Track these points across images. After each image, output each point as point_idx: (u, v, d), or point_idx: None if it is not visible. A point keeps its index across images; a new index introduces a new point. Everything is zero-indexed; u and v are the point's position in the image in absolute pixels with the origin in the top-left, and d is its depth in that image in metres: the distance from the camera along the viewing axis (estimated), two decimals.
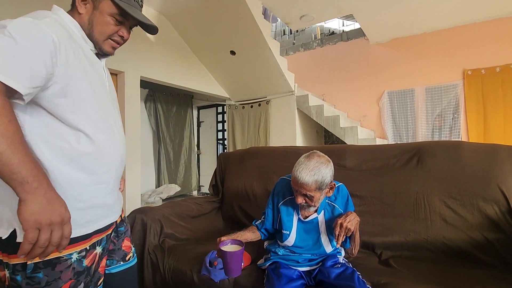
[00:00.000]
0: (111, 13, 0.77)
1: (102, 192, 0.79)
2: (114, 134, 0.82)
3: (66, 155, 0.70)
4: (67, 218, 0.64)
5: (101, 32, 0.79)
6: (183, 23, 3.82)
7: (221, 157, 2.25)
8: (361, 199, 1.52)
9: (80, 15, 0.77)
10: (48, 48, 0.64)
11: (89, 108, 0.74)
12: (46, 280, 0.67)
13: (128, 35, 0.84)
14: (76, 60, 0.72)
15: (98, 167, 0.76)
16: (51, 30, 0.66)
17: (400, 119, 4.15)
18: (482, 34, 3.62)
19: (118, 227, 0.93)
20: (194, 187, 5.60)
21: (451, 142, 1.53)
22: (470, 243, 1.28)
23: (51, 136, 0.69)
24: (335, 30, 5.60)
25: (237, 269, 1.01)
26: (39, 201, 0.60)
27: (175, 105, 5.38)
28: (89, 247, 0.76)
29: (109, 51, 0.83)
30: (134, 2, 0.80)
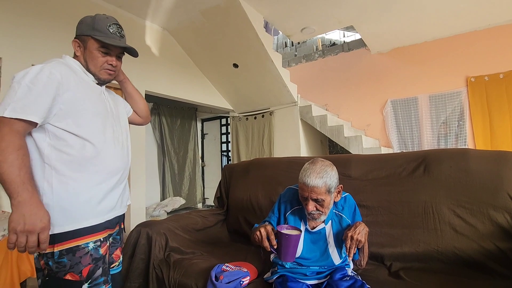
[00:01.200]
0: (96, 48, 0.98)
1: (106, 189, 0.97)
2: (115, 142, 1.02)
3: (73, 160, 0.89)
4: (42, 228, 0.79)
5: (94, 65, 1.00)
6: (186, 38, 3.91)
7: (225, 169, 2.25)
8: (368, 209, 1.50)
9: (78, 56, 1.01)
10: (53, 85, 0.86)
11: (89, 122, 0.94)
12: (70, 264, 0.87)
13: (116, 62, 1.03)
14: (78, 89, 0.93)
15: (100, 170, 0.95)
16: (56, 70, 0.88)
17: (404, 128, 4.13)
18: (484, 42, 3.63)
19: (117, 235, 1.09)
20: (199, 200, 5.57)
21: (457, 149, 1.51)
22: (482, 253, 1.24)
23: (60, 146, 0.88)
24: (336, 41, 5.67)
25: (292, 254, 1.01)
26: (19, 212, 0.77)
27: (179, 118, 5.43)
28: (103, 239, 0.95)
29: (106, 78, 1.04)
30: (111, 34, 0.99)
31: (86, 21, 0.99)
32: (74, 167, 0.89)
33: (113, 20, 1.02)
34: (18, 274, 1.81)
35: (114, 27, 1.00)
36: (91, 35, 0.97)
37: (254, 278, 1.28)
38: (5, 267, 1.75)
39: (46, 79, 0.85)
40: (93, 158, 0.93)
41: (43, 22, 2.72)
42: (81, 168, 0.90)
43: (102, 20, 0.99)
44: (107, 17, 1.01)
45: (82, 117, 0.92)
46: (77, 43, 1.01)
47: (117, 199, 1.02)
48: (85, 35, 0.98)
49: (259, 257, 1.47)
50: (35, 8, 2.69)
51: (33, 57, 2.63)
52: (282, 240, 0.99)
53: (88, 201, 0.91)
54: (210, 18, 3.43)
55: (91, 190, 0.92)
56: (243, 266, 1.30)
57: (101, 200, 0.95)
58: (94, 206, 0.93)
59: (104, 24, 0.98)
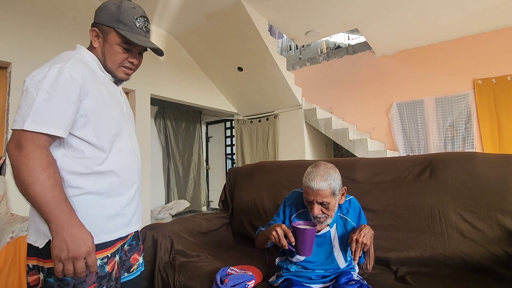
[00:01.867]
0: (118, 43, 0.86)
1: (122, 203, 0.87)
2: (130, 152, 0.92)
3: (88, 173, 0.80)
4: (87, 252, 0.71)
5: (113, 61, 0.88)
6: (191, 42, 3.95)
7: (230, 172, 2.26)
8: (373, 213, 1.49)
9: (95, 48, 0.88)
10: (75, 90, 0.76)
11: (109, 132, 0.84)
12: (74, 282, 0.76)
13: (137, 60, 0.91)
14: (97, 92, 0.82)
15: (118, 182, 0.85)
16: (76, 71, 0.77)
17: (410, 131, 4.10)
18: (491, 44, 3.61)
19: (133, 241, 0.99)
20: (203, 203, 5.58)
21: (464, 153, 1.50)
22: (490, 258, 1.22)
23: (75, 157, 0.79)
24: (341, 44, 5.67)
25: (310, 248, 1.03)
26: (59, 237, 0.69)
27: (184, 121, 5.47)
28: (111, 254, 0.84)
29: (123, 77, 0.92)
30: (137, 29, 0.86)
31: (110, 8, 0.85)
32: (89, 180, 0.80)
33: (140, 12, 0.88)
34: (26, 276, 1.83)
35: (141, 20, 0.88)
36: (115, 28, 0.84)
37: (259, 281, 1.28)
38: (13, 269, 1.78)
39: (68, 84, 0.74)
40: (110, 170, 0.83)
41: (52, 26, 2.78)
42: (97, 181, 0.81)
43: (128, 10, 0.85)
44: (134, 7, 0.87)
45: (101, 125, 0.82)
46: (96, 32, 0.87)
47: (132, 214, 0.93)
48: (107, 26, 0.85)
49: (264, 261, 1.47)
50: (43, 12, 2.75)
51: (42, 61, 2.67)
52: (299, 235, 1.02)
53: (102, 218, 0.82)
54: (215, 22, 3.46)
55: (108, 204, 0.83)
56: (248, 270, 1.30)
57: (116, 215, 0.85)
58: (108, 222, 0.83)
59: (131, 16, 0.85)
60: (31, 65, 2.58)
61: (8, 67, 2.56)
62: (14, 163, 0.71)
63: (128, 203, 0.89)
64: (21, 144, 0.71)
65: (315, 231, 1.03)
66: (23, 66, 2.55)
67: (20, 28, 2.55)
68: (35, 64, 2.64)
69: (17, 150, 0.71)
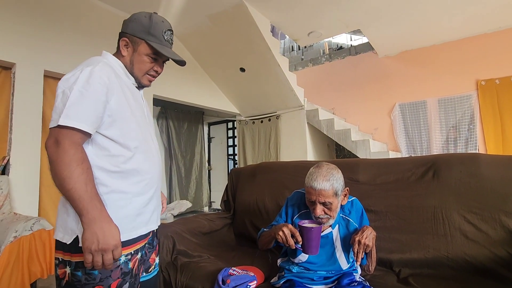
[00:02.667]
0: (147, 53, 0.93)
1: (142, 203, 0.91)
2: (153, 153, 0.97)
3: (115, 171, 0.85)
4: (115, 245, 0.76)
5: (140, 69, 0.95)
6: (194, 43, 3.96)
7: (232, 172, 2.26)
8: (376, 214, 1.48)
9: (123, 57, 0.95)
10: (103, 90, 0.82)
11: (132, 132, 0.89)
12: (100, 277, 0.81)
13: (161, 69, 1.00)
14: (122, 94, 0.88)
15: (140, 181, 0.90)
16: (104, 73, 0.83)
17: (413, 132, 4.09)
18: (494, 45, 3.59)
19: (151, 239, 1.02)
20: (205, 203, 5.59)
21: (467, 154, 1.49)
22: (494, 260, 1.21)
23: (102, 155, 0.84)
24: (343, 44, 5.66)
25: (317, 246, 1.04)
26: (90, 230, 0.74)
27: (186, 122, 5.48)
28: (134, 251, 0.89)
29: (147, 84, 1.00)
30: (165, 41, 0.95)
31: (142, 21, 0.92)
32: (115, 177, 0.84)
33: (168, 26, 0.96)
34: (28, 275, 1.84)
35: (169, 34, 0.96)
36: (146, 40, 0.92)
37: (261, 282, 1.28)
38: (16, 268, 1.79)
39: (97, 84, 0.81)
40: (134, 169, 0.88)
41: (56, 27, 2.79)
42: (122, 179, 0.86)
43: (158, 24, 0.93)
44: (162, 21, 0.95)
45: (125, 124, 0.87)
46: (126, 42, 0.93)
47: (152, 212, 0.96)
48: (138, 37, 0.92)
49: (265, 261, 1.46)
50: (47, 13, 2.77)
51: (46, 62, 2.70)
52: (306, 234, 1.03)
53: (127, 215, 0.86)
54: (217, 23, 3.47)
55: (131, 202, 0.87)
56: (250, 270, 1.30)
57: (139, 213, 0.90)
58: (131, 221, 0.87)
59: (160, 30, 0.93)
60: (36, 66, 2.61)
61: (12, 68, 2.58)
62: (52, 158, 0.76)
63: (147, 203, 0.93)
64: (58, 141, 0.76)
65: (321, 229, 1.04)
66: (28, 67, 2.57)
67: (24, 28, 2.57)
68: (38, 64, 2.67)
69: (55, 146, 0.76)
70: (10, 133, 2.49)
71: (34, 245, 1.88)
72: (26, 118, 2.55)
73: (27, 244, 1.84)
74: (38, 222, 1.93)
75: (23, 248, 1.82)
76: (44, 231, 1.95)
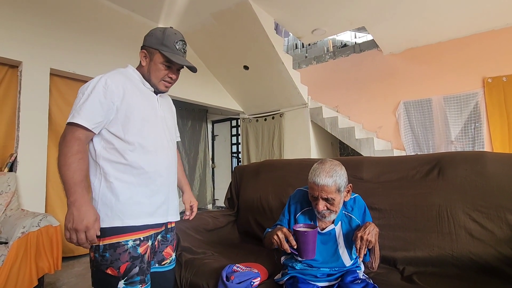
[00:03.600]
0: (161, 62, 1.06)
1: (143, 194, 1.00)
2: (161, 151, 1.06)
3: (118, 163, 0.97)
4: (86, 227, 0.86)
5: (156, 77, 1.08)
6: (198, 41, 3.96)
7: (236, 170, 2.27)
8: (380, 212, 1.48)
9: (143, 67, 1.09)
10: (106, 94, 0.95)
11: (136, 129, 1.00)
12: (110, 259, 0.93)
13: (175, 76, 1.12)
14: (130, 96, 1.00)
15: (141, 173, 0.99)
16: (111, 80, 0.97)
17: (418, 130, 4.06)
18: (501, 42, 3.54)
19: (166, 233, 1.12)
20: (209, 201, 5.61)
21: (473, 152, 1.47)
22: (499, 259, 1.21)
23: (108, 148, 0.97)
24: (348, 42, 5.62)
25: (313, 250, 1.03)
26: (69, 211, 0.87)
27: (190, 120, 5.50)
28: (143, 238, 0.98)
29: (163, 89, 1.12)
30: (177, 51, 1.07)
31: (157, 35, 1.06)
32: (118, 168, 0.96)
33: (180, 37, 1.08)
34: (36, 270, 1.87)
35: (180, 44, 1.08)
36: (159, 50, 1.04)
37: (264, 279, 1.28)
38: (24, 263, 1.82)
39: (101, 89, 0.95)
40: (134, 161, 0.98)
41: (62, 25, 2.82)
42: (124, 169, 0.97)
43: (171, 36, 1.05)
44: (175, 33, 1.08)
45: (130, 123, 0.99)
46: (144, 53, 1.08)
47: (158, 206, 1.04)
48: (153, 48, 1.05)
49: (270, 259, 1.47)
50: (54, 12, 2.79)
51: (52, 61, 2.72)
52: (301, 238, 1.02)
53: (126, 202, 0.96)
54: (221, 21, 3.47)
55: (131, 191, 0.97)
56: (253, 267, 1.31)
57: (138, 202, 0.98)
58: (131, 208, 0.96)
59: (172, 40, 1.05)
60: (42, 65, 2.64)
61: (19, 66, 2.61)
62: (58, 148, 0.92)
63: (151, 195, 1.01)
64: (64, 134, 0.93)
65: (316, 233, 1.02)
66: (34, 65, 2.59)
67: (30, 27, 2.60)
68: (45, 63, 2.70)
69: (62, 139, 0.92)
70: (18, 130, 2.53)
71: (41, 240, 1.91)
72: (32, 116, 2.58)
73: (34, 240, 1.87)
74: (45, 218, 1.96)
75: (30, 243, 1.85)
76: (51, 227, 1.97)
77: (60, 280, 2.34)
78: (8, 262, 1.73)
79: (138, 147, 0.99)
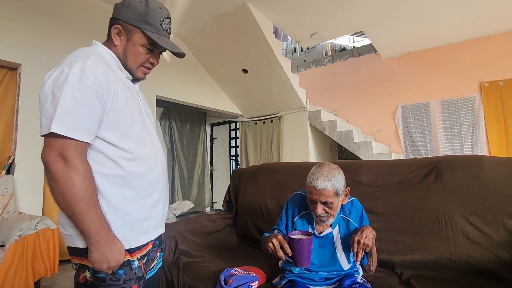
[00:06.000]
0: (143, 44, 0.84)
1: (149, 206, 0.86)
2: (155, 153, 0.89)
3: (115, 176, 0.78)
4: (121, 262, 0.77)
5: (134, 61, 0.86)
6: (197, 44, 3.98)
7: (234, 173, 2.27)
8: (378, 216, 1.48)
9: (116, 46, 0.85)
10: (98, 92, 0.73)
11: (131, 133, 0.81)
12: (124, 278, 0.78)
13: (157, 61, 0.91)
14: (118, 92, 0.79)
15: (143, 184, 0.84)
16: (98, 71, 0.74)
17: (416, 133, 4.07)
18: (498, 46, 3.57)
19: (156, 239, 0.96)
20: (207, 204, 5.60)
21: (471, 156, 1.48)
22: (497, 263, 1.21)
23: (98, 159, 0.77)
24: (346, 46, 5.66)
25: (308, 258, 1.01)
26: (99, 252, 0.73)
27: (189, 123, 5.50)
28: (140, 256, 0.85)
29: (141, 77, 0.91)
30: (163, 31, 0.85)
31: (137, 7, 0.81)
32: (116, 183, 0.78)
33: (166, 13, 0.86)
34: (32, 274, 1.86)
35: (167, 22, 0.86)
36: (142, 29, 0.82)
37: (262, 282, 1.28)
38: (20, 266, 1.80)
39: (91, 85, 0.71)
40: (135, 171, 0.81)
41: (62, 28, 2.82)
42: (123, 183, 0.79)
43: (156, 11, 0.83)
44: (160, 8, 0.85)
45: (123, 126, 0.79)
46: (118, 30, 0.83)
47: (160, 216, 0.91)
48: (132, 25, 0.82)
49: (267, 262, 1.47)
50: (52, 14, 2.79)
51: (52, 63, 2.72)
52: (295, 246, 1.00)
53: (134, 221, 0.82)
54: (220, 24, 3.49)
55: (138, 207, 0.82)
56: (251, 271, 1.31)
57: (146, 217, 0.84)
58: (137, 226, 0.83)
59: (158, 18, 0.83)
60: (41, 67, 2.63)
61: (18, 68, 2.61)
62: (58, 176, 0.68)
63: (155, 205, 0.88)
64: (66, 156, 0.68)
65: (311, 241, 1.01)
66: (33, 67, 2.59)
67: (30, 29, 2.60)
68: (45, 65, 2.69)
69: (63, 163, 0.68)
70: (16, 133, 2.52)
71: (38, 244, 1.90)
72: (31, 118, 2.57)
73: (31, 243, 1.86)
74: (42, 221, 1.95)
75: (27, 246, 1.84)
76: (48, 230, 1.96)
77: (57, 284, 2.32)
78: (4, 265, 1.72)
79: (137, 154, 0.81)
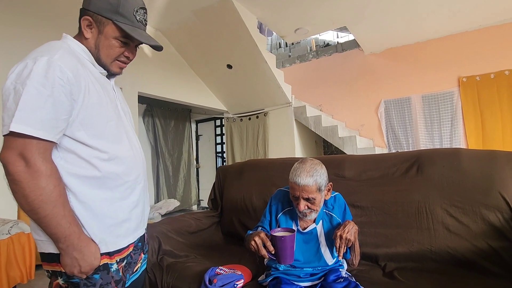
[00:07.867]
0: (115, 36, 0.79)
1: (128, 207, 0.82)
2: (134, 152, 0.86)
3: (89, 177, 0.74)
4: (97, 265, 0.73)
5: (107, 55, 0.81)
6: (179, 39, 3.88)
7: (219, 170, 2.24)
8: (362, 210, 1.50)
9: (87, 40, 0.80)
10: (66, 88, 0.68)
11: (105, 132, 0.77)
12: (101, 282, 0.74)
13: (133, 55, 0.86)
14: (89, 88, 0.74)
15: (121, 184, 0.80)
16: (66, 66, 0.69)
17: (398, 128, 4.16)
18: (475, 42, 3.68)
19: (138, 242, 0.91)
20: (194, 202, 5.54)
21: (449, 149, 1.52)
22: (475, 252, 1.25)
23: (71, 159, 0.73)
24: (330, 41, 5.69)
25: (291, 255, 1.00)
26: (69, 256, 0.69)
27: (173, 120, 5.40)
28: (119, 259, 0.81)
29: (117, 71, 0.86)
30: (137, 23, 0.81)
31: None
32: (91, 184, 0.74)
33: (140, 3, 0.82)
34: (7, 280, 1.77)
35: (141, 13, 0.81)
36: (113, 20, 0.77)
37: (248, 280, 1.27)
38: None
39: (58, 81, 0.66)
40: (111, 171, 0.77)
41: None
42: (98, 184, 0.75)
43: (129, 1, 0.78)
44: None
45: (95, 123, 0.75)
46: (89, 21, 0.78)
47: (140, 216, 0.87)
48: (103, 17, 0.77)
49: (253, 260, 1.46)
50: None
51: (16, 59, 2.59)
52: (278, 243, 0.99)
53: (113, 223, 0.78)
54: (203, 18, 3.41)
55: (115, 209, 0.78)
56: (237, 269, 1.29)
57: (125, 219, 0.81)
58: (119, 227, 0.79)
59: (131, 8, 0.78)
60: (3, 63, 2.49)
61: None
62: (19, 178, 0.64)
63: (134, 206, 0.84)
64: (26, 157, 0.64)
65: (294, 238, 1.01)
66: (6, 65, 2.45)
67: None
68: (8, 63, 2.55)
69: (24, 164, 0.64)
70: None
71: (12, 249, 1.81)
72: None
73: (4, 248, 1.77)
74: (16, 225, 1.85)
75: (0, 252, 1.75)
76: (23, 235, 1.87)
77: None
78: None
79: (113, 153, 0.77)
